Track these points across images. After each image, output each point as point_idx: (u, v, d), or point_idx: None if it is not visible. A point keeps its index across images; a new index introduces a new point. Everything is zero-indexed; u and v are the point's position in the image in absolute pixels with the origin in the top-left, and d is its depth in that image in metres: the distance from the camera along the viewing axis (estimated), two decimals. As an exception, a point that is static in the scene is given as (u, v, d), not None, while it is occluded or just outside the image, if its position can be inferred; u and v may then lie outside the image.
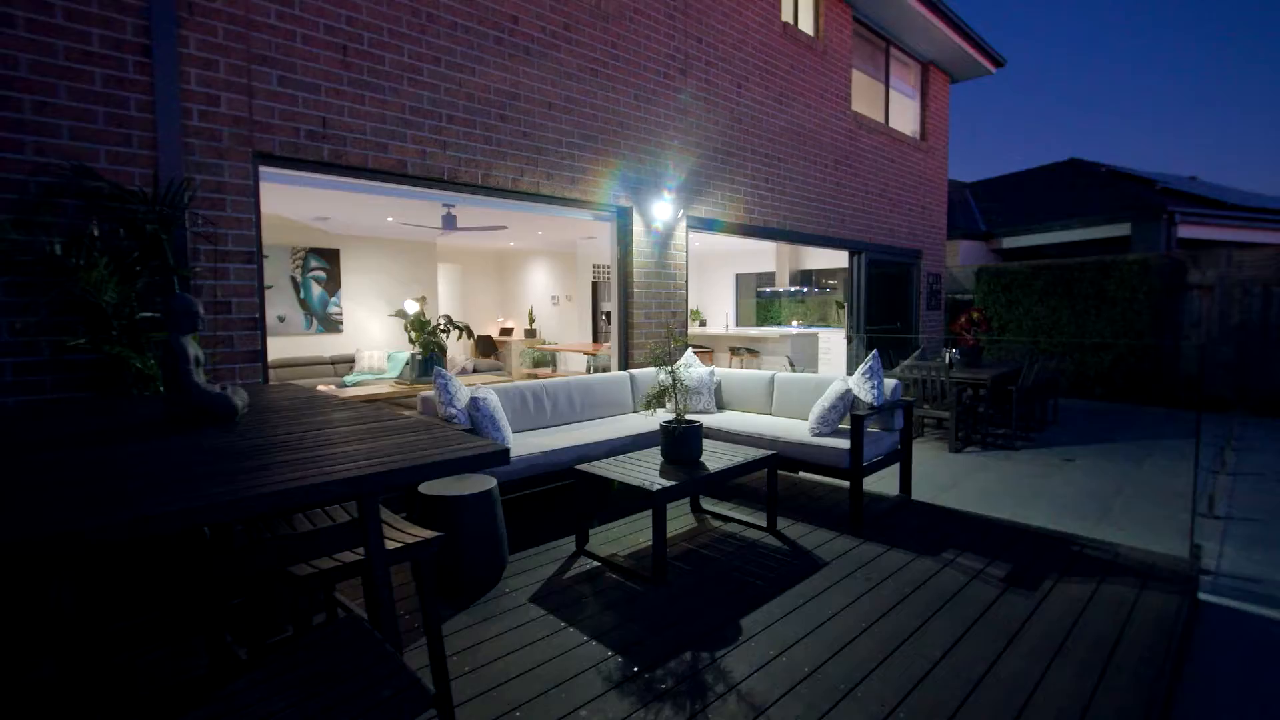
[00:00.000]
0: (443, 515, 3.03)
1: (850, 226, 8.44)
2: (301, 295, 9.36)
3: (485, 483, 3.23)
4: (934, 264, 10.64)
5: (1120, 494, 5.13)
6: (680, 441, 3.53)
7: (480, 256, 13.29)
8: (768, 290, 14.07)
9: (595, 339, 12.87)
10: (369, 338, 10.06)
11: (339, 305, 9.74)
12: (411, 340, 4.87)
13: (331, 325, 9.66)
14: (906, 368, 6.96)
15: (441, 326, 4.96)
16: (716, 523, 4.07)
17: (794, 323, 13.38)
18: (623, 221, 5.71)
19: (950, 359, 7.55)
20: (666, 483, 3.21)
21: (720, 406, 5.44)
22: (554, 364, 10.72)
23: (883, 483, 5.01)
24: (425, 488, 3.13)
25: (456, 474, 1.98)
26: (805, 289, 13.47)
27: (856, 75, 8.82)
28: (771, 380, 5.11)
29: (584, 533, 3.62)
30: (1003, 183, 18.31)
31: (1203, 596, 3.31)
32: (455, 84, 4.40)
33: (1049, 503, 4.86)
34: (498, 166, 4.68)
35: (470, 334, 5.11)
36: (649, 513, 4.22)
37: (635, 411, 5.33)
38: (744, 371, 5.36)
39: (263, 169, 3.65)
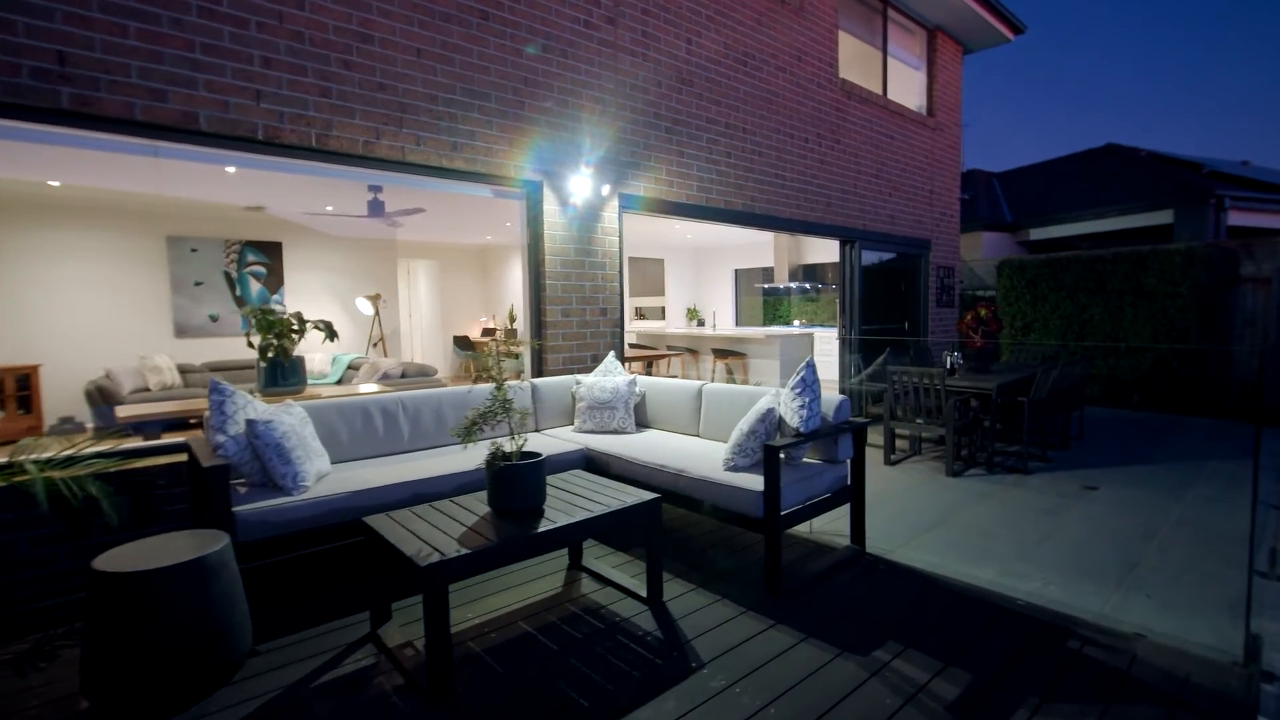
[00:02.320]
0: (123, 597, 2.09)
1: (838, 211, 7.32)
2: (238, 292, 8.59)
3: (206, 544, 2.27)
4: (946, 256, 9.42)
5: (1153, 539, 3.97)
6: (505, 486, 2.53)
7: (458, 252, 12.46)
8: (776, 287, 12.95)
9: (575, 340, 11.92)
10: (317, 339, 9.24)
11: (282, 303, 8.94)
12: (250, 344, 3.98)
13: (272, 326, 8.87)
14: (871, 375, 5.83)
15: (293, 325, 4.05)
16: (591, 586, 3.06)
17: (796, 322, 12.25)
18: (533, 199, 4.73)
19: (951, 363, 6.41)
20: (453, 552, 2.21)
21: (643, 424, 4.42)
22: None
23: (839, 521, 3.95)
24: (103, 562, 2.18)
25: None
26: (808, 285, 12.33)
27: (848, 40, 7.70)
28: (699, 393, 4.07)
29: (383, 608, 2.64)
30: (1033, 171, 16.82)
31: (1267, 727, 2.20)
32: (274, 18, 3.47)
33: (1057, 552, 3.73)
34: (342, 126, 3.74)
35: (334, 335, 4.21)
36: (524, 568, 3.23)
37: (537, 430, 4.34)
38: (671, 382, 4.33)
39: (-30, 118, 2.77)
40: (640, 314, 13.82)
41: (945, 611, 2.79)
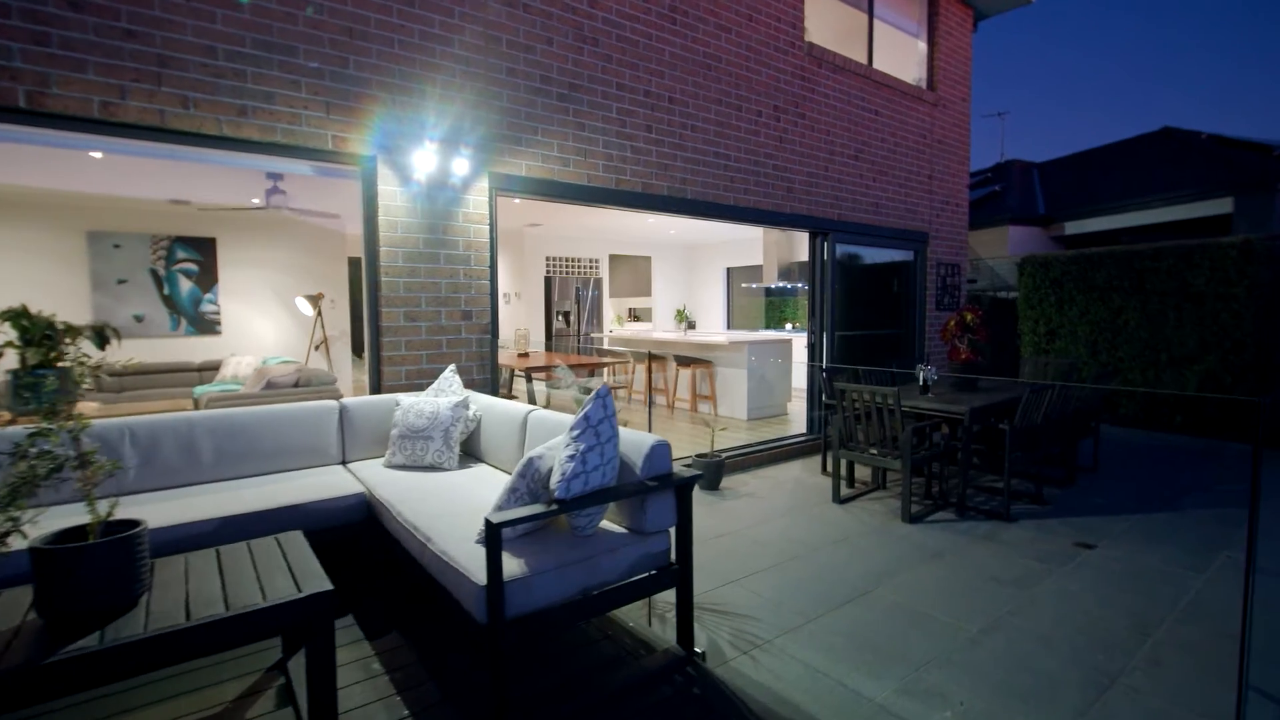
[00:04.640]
0: None
1: (802, 198, 6.26)
2: (166, 291, 8.06)
3: None
4: (950, 251, 8.20)
5: (1147, 636, 2.86)
6: (48, 579, 1.67)
7: (432, 250, 11.79)
8: (771, 287, 11.85)
9: (549, 346, 11.10)
10: (255, 340, 8.68)
11: (216, 303, 8.38)
12: (-15, 353, 3.27)
13: (206, 326, 8.32)
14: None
15: (47, 331, 3.32)
16: (268, 704, 2.18)
17: (788, 325, 11.15)
18: (368, 179, 3.89)
19: (924, 379, 5.30)
20: None
21: (475, 457, 3.52)
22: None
23: (717, 591, 2.97)
24: None
25: None
26: (802, 284, 11.19)
27: (827, 2, 6.64)
28: (524, 422, 3.14)
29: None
30: (1077, 160, 15.17)
31: None
32: (-54, -61, 2.73)
33: (999, 653, 2.68)
34: (66, 82, 2.96)
35: (105, 342, 3.48)
36: (205, 666, 2.38)
37: (343, 463, 3.49)
38: (506, 405, 3.41)
39: None
40: (635, 316, 12.92)
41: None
